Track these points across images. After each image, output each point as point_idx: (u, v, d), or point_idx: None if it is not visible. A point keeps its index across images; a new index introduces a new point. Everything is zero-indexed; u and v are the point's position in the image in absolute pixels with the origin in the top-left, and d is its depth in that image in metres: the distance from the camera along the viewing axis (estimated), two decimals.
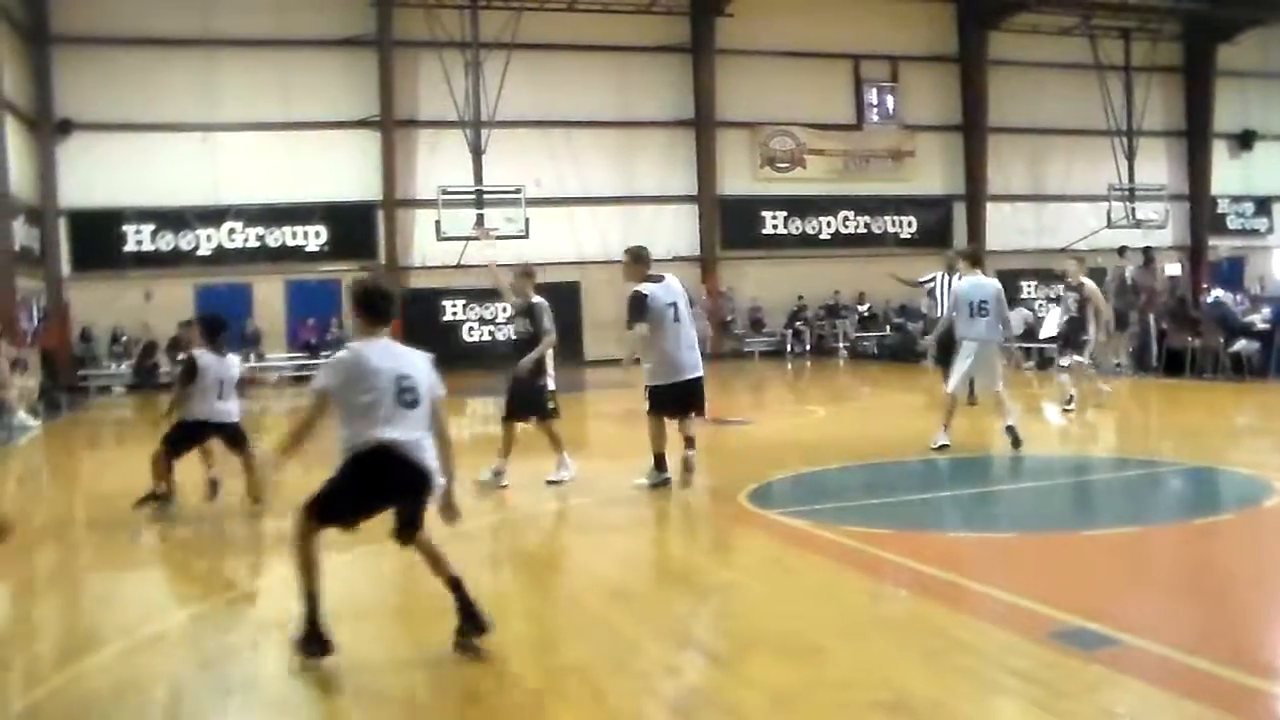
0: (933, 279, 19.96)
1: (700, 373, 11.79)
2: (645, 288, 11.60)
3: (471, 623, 6.45)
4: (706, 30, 36.06)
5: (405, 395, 6.38)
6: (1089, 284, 18.15)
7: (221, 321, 12.26)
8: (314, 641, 6.35)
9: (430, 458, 6.44)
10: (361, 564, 9.05)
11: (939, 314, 19.50)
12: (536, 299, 12.47)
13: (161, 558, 10.33)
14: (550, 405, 12.50)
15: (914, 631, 6.71)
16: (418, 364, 6.62)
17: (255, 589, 8.53)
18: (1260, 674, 5.67)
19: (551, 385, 12.56)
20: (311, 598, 6.37)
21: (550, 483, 12.18)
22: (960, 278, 14.70)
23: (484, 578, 8.86)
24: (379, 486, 6.39)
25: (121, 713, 5.91)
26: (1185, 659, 5.86)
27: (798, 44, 36.97)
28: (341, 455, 6.34)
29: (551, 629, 7.17)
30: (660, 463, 11.59)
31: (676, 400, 11.65)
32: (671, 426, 11.75)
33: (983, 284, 13.98)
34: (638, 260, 11.96)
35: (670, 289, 11.76)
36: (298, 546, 6.37)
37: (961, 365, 13.81)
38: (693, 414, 11.87)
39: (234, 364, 11.91)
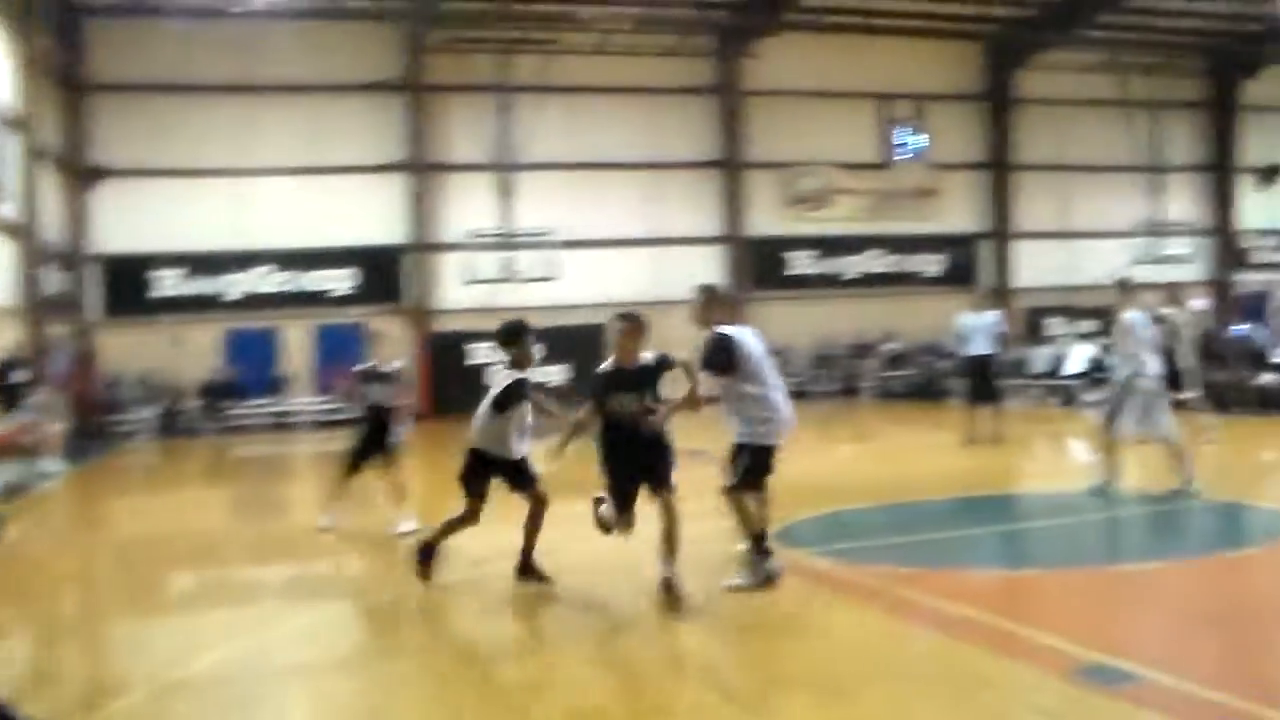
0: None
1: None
2: (728, 330, 9.56)
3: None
4: (733, 72, 36.18)
5: None
6: (1172, 313, 17.88)
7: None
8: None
9: None
10: (389, 607, 9.08)
11: (969, 351, 19.52)
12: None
13: (187, 602, 10.39)
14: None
15: (941, 670, 6.71)
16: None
17: (279, 635, 8.55)
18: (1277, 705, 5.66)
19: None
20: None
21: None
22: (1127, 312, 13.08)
23: (505, 619, 8.90)
24: None
25: None
26: (1208, 694, 5.86)
27: (824, 84, 37.03)
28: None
29: (573, 671, 7.18)
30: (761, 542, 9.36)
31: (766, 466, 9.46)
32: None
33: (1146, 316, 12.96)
34: (713, 298, 9.98)
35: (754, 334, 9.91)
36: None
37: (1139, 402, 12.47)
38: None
39: None
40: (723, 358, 9.24)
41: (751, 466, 9.22)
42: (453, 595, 9.83)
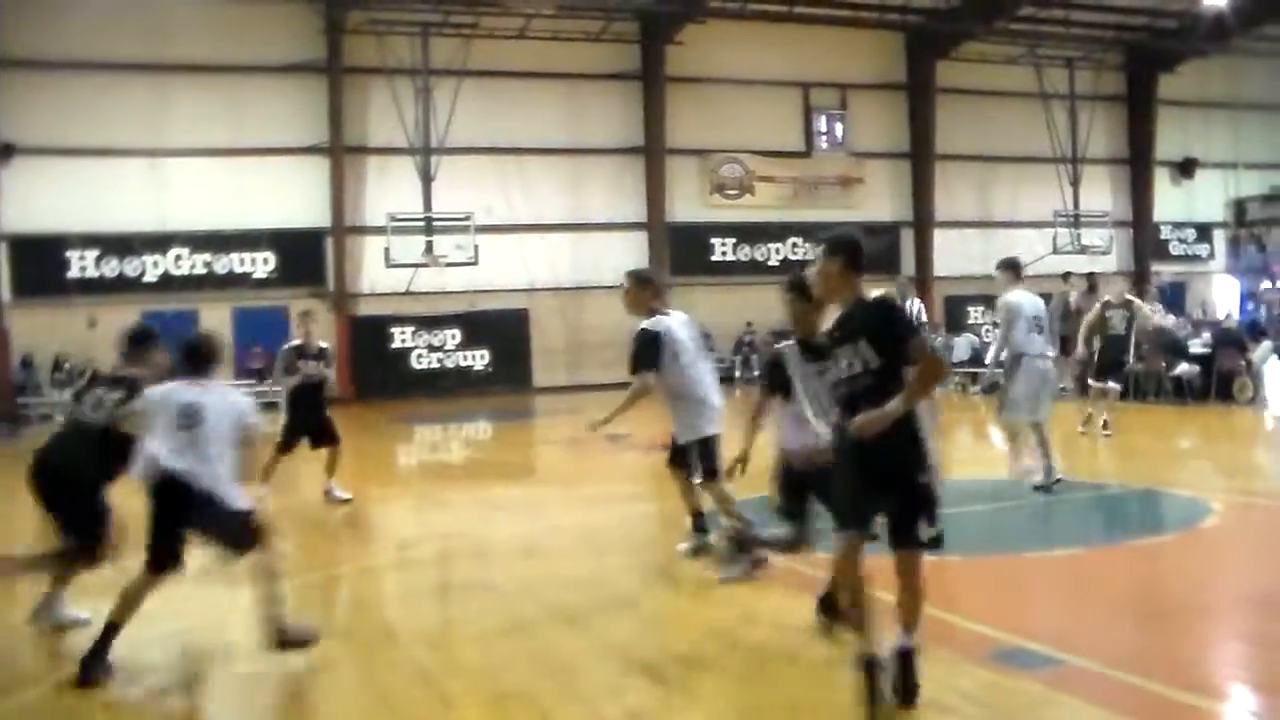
0: None
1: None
2: (656, 323, 9.32)
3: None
4: (657, 58, 36.18)
5: None
6: (1138, 302, 18.04)
7: None
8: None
9: None
10: (312, 591, 9.02)
11: None
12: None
13: (96, 587, 10.21)
14: None
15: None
16: None
17: (199, 618, 8.43)
18: (1196, 691, 5.74)
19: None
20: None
21: None
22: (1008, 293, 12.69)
23: (429, 604, 8.86)
24: None
25: None
26: (1124, 677, 5.93)
27: (747, 72, 37.15)
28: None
29: (497, 655, 7.15)
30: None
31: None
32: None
33: (1035, 298, 12.69)
34: (643, 285, 9.68)
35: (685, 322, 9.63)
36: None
37: (1026, 387, 12.15)
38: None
39: None
40: (652, 354, 9.15)
41: (704, 455, 9.31)
42: (376, 579, 9.77)
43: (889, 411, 5.50)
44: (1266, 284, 42.64)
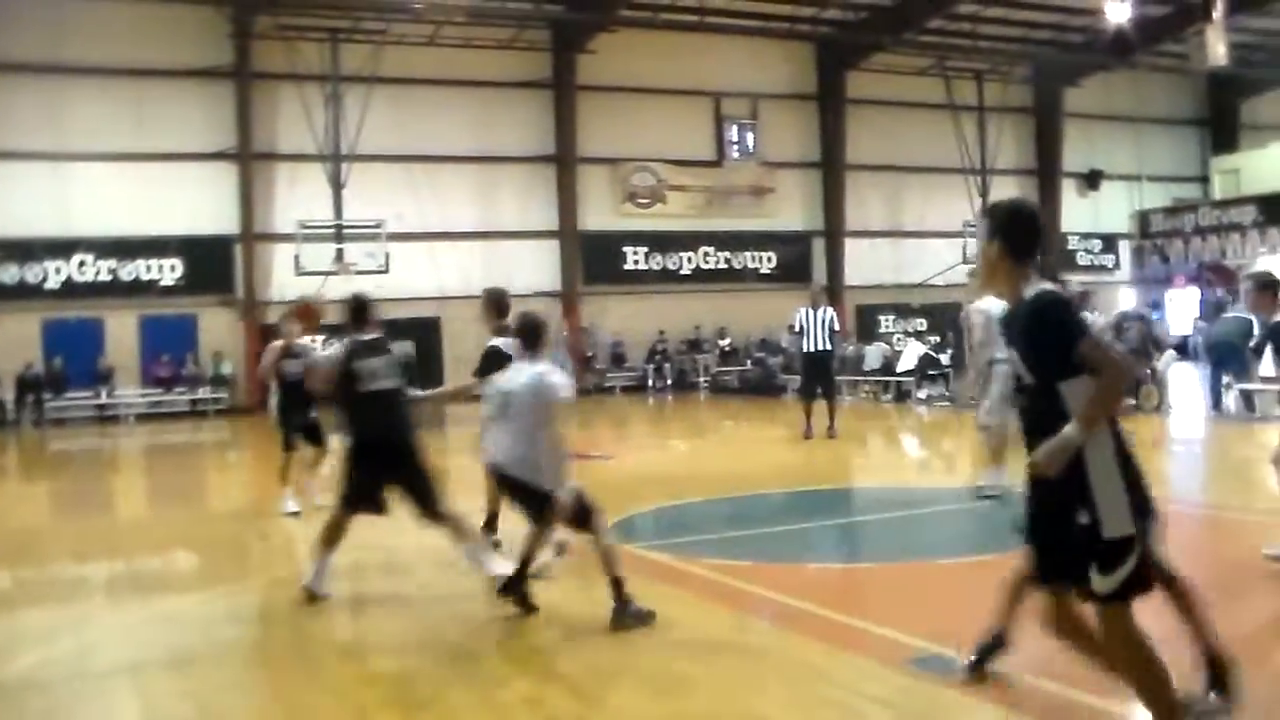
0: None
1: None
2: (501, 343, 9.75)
3: None
4: (568, 67, 36.17)
5: None
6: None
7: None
8: None
9: None
10: (221, 605, 8.89)
11: (806, 347, 19.56)
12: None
13: (2, 601, 10.00)
14: None
15: (776, 661, 6.75)
16: None
17: (102, 634, 8.28)
18: (1104, 694, 5.80)
19: None
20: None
21: None
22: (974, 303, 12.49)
23: (342, 616, 8.76)
24: None
25: None
26: (1039, 683, 5.98)
27: (659, 81, 37.26)
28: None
29: (413, 667, 7.08)
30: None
31: None
32: None
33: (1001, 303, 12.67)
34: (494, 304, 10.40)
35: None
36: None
37: (1001, 389, 11.78)
38: None
39: None
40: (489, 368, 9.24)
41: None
42: (288, 591, 9.64)
43: (1069, 440, 4.46)
44: (1169, 293, 43.39)
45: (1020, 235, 4.93)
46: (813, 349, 19.31)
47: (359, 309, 9.11)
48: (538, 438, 7.74)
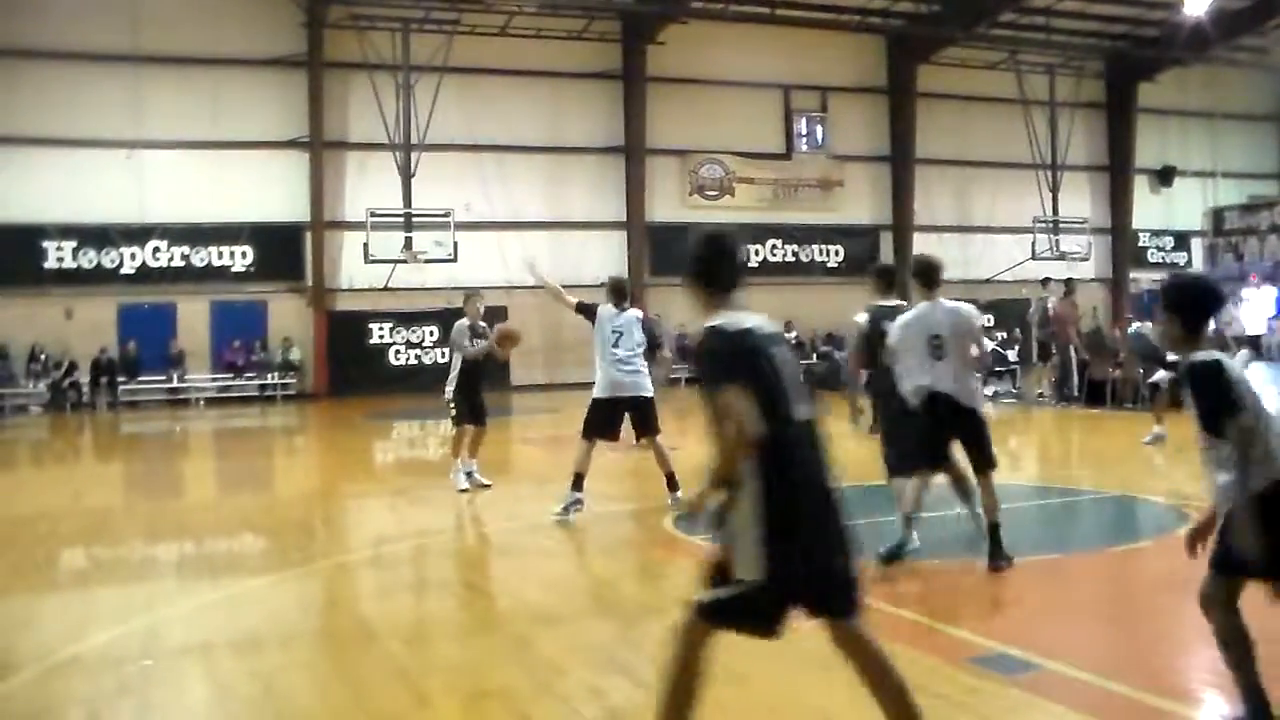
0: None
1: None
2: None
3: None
4: (638, 58, 36.17)
5: None
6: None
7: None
8: None
9: None
10: (288, 587, 8.99)
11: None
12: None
13: (78, 580, 10.17)
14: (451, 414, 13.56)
15: (838, 657, 6.74)
16: None
17: (174, 614, 8.39)
18: (1172, 697, 5.76)
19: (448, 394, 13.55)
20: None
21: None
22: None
23: (406, 601, 8.83)
24: None
25: None
26: (1101, 683, 5.94)
27: (728, 73, 37.19)
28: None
29: (475, 654, 7.13)
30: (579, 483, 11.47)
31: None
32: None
33: None
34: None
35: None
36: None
37: None
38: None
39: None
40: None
41: (589, 418, 11.60)
42: (352, 575, 9.74)
43: (699, 495, 4.89)
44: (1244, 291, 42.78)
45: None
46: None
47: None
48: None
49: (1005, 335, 31.71)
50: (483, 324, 13.97)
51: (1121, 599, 8.31)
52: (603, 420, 11.57)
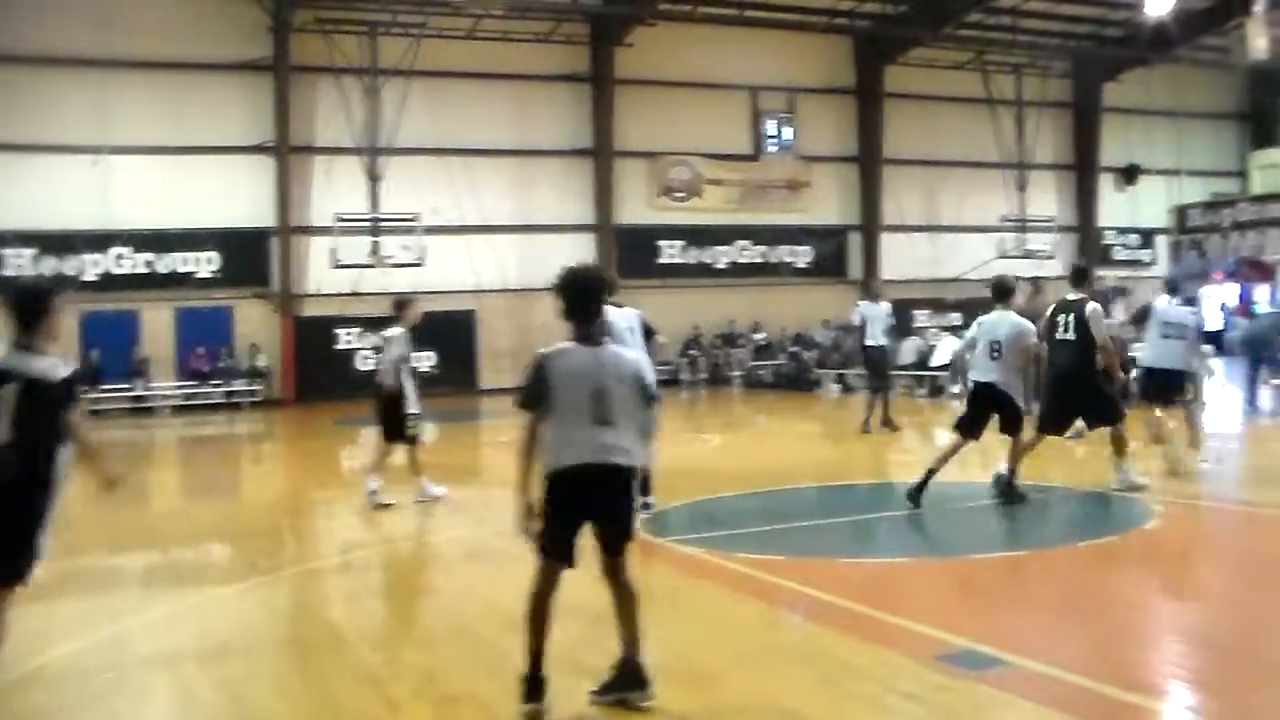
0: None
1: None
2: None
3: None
4: (606, 60, 36.13)
5: None
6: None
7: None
8: None
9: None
10: (256, 595, 8.94)
11: (866, 342, 20.10)
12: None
13: (40, 592, 10.06)
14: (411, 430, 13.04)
15: (807, 657, 6.75)
16: None
17: (138, 624, 8.33)
18: (1139, 691, 5.78)
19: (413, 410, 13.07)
20: None
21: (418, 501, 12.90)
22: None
23: (375, 607, 8.80)
24: None
25: None
26: (1069, 678, 5.97)
27: (696, 75, 37.18)
28: None
29: (445, 659, 7.11)
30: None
31: None
32: None
33: None
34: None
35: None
36: None
37: None
38: None
39: None
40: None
41: None
42: (321, 581, 9.70)
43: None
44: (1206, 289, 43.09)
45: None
46: (873, 344, 20.19)
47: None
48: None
49: None
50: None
51: (1088, 594, 8.31)
52: None
